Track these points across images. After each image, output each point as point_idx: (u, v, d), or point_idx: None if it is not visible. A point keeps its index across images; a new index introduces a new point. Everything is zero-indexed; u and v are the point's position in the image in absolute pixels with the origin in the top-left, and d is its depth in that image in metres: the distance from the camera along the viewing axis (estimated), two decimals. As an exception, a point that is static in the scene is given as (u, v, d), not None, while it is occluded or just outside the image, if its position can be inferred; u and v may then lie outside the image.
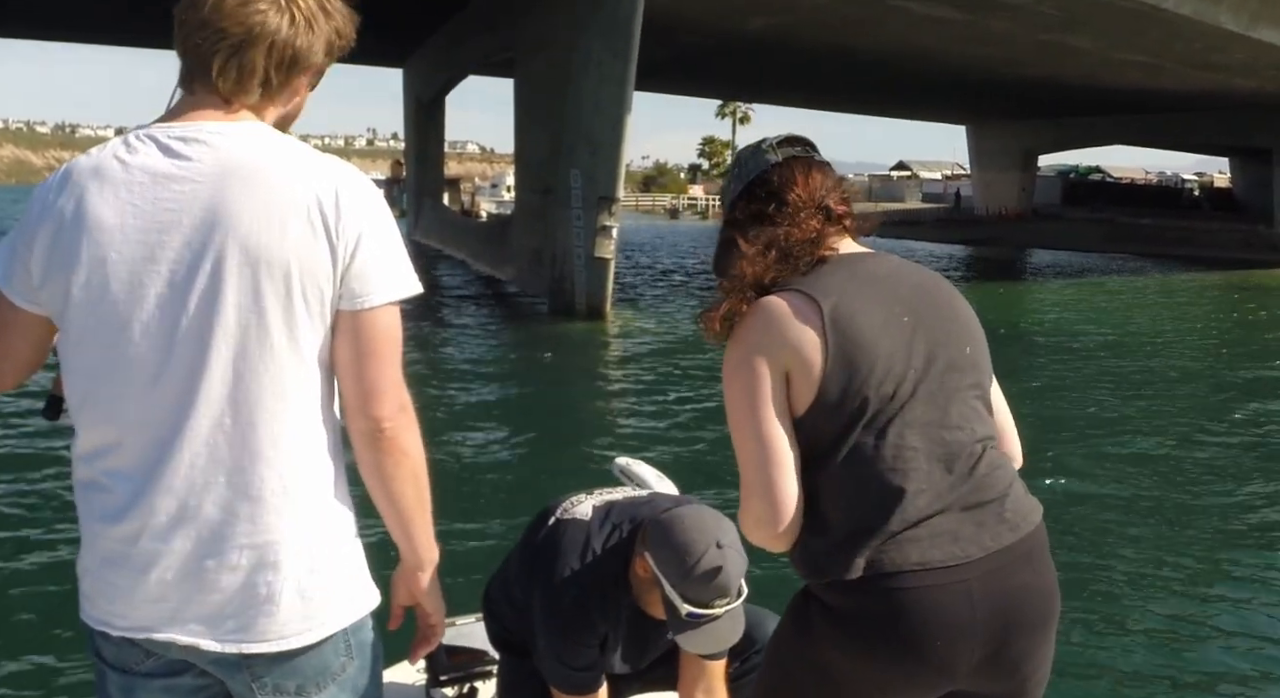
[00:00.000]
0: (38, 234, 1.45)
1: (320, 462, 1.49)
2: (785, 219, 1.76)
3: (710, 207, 75.84)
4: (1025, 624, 1.68)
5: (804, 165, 1.82)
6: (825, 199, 1.79)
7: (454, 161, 79.20)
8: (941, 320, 1.75)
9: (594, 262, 18.89)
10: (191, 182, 1.42)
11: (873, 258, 1.80)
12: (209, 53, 1.43)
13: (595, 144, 18.75)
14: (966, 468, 1.68)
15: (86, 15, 27.32)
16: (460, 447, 8.92)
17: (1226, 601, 5.75)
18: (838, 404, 1.65)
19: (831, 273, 1.72)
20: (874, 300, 1.70)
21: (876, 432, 1.65)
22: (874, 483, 1.65)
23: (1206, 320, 21.34)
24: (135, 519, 1.43)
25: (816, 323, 1.65)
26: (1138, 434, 9.92)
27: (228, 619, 1.45)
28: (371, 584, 1.59)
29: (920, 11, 23.58)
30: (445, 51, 30.03)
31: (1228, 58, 29.74)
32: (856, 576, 1.63)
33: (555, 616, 2.20)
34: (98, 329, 1.43)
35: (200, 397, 1.41)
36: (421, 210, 35.18)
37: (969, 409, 1.73)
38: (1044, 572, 1.73)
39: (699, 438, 9.42)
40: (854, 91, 41.96)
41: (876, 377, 1.65)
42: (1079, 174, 68.25)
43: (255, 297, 1.40)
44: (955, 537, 1.64)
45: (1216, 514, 7.34)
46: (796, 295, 1.68)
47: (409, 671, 2.71)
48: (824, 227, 1.76)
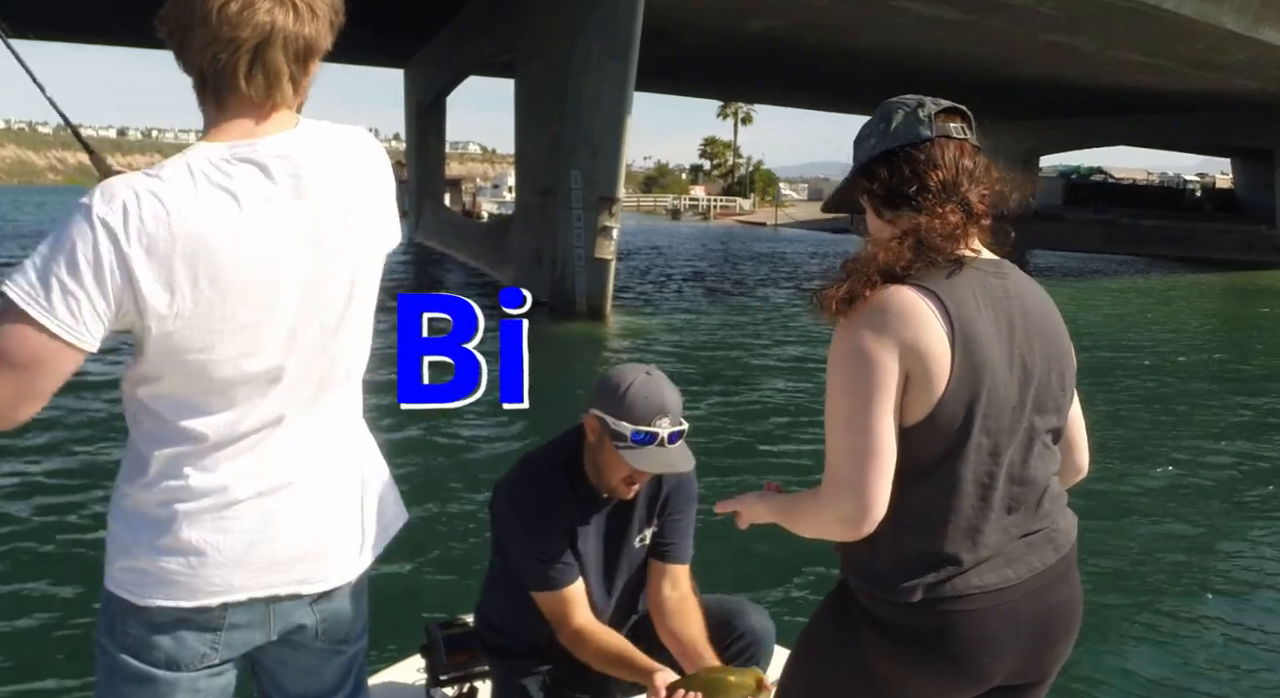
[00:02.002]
0: (156, 278, 1.39)
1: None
2: (926, 205, 1.63)
3: (711, 207, 75.86)
4: (1060, 635, 1.73)
5: (957, 149, 1.67)
6: (969, 192, 1.66)
7: (455, 162, 79.32)
8: (1048, 357, 1.68)
9: (594, 262, 18.90)
10: (301, 198, 1.48)
11: (1001, 272, 1.69)
12: (230, 63, 1.43)
13: (595, 145, 18.76)
14: (1033, 504, 1.68)
15: (87, 16, 27.36)
16: (458, 447, 8.92)
17: (1232, 597, 5.74)
18: (947, 428, 1.58)
19: (965, 283, 1.62)
20: (995, 324, 1.62)
21: (972, 464, 1.60)
22: (958, 516, 1.61)
23: (1211, 322, 21.34)
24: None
25: (946, 336, 1.57)
26: (1147, 435, 9.92)
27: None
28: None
29: (921, 12, 23.60)
30: (446, 52, 30.06)
31: (1229, 58, 29.73)
32: (915, 600, 1.62)
33: (515, 505, 2.33)
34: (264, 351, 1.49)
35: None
36: (422, 212, 35.22)
37: (1048, 451, 1.71)
38: (1076, 583, 1.77)
39: (699, 439, 9.41)
40: (855, 92, 41.94)
41: (985, 408, 1.59)
42: (1080, 175, 68.20)
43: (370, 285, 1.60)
44: (1009, 560, 1.65)
45: (1228, 514, 7.34)
46: (932, 298, 1.58)
47: (409, 671, 2.72)
48: (965, 223, 1.64)
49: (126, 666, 1.54)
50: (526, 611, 2.36)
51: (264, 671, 1.68)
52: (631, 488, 2.32)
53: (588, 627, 2.31)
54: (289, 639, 1.63)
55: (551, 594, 2.31)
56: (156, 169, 1.43)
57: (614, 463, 2.28)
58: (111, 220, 1.37)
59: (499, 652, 2.48)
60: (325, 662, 1.69)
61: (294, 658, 1.66)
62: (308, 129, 1.52)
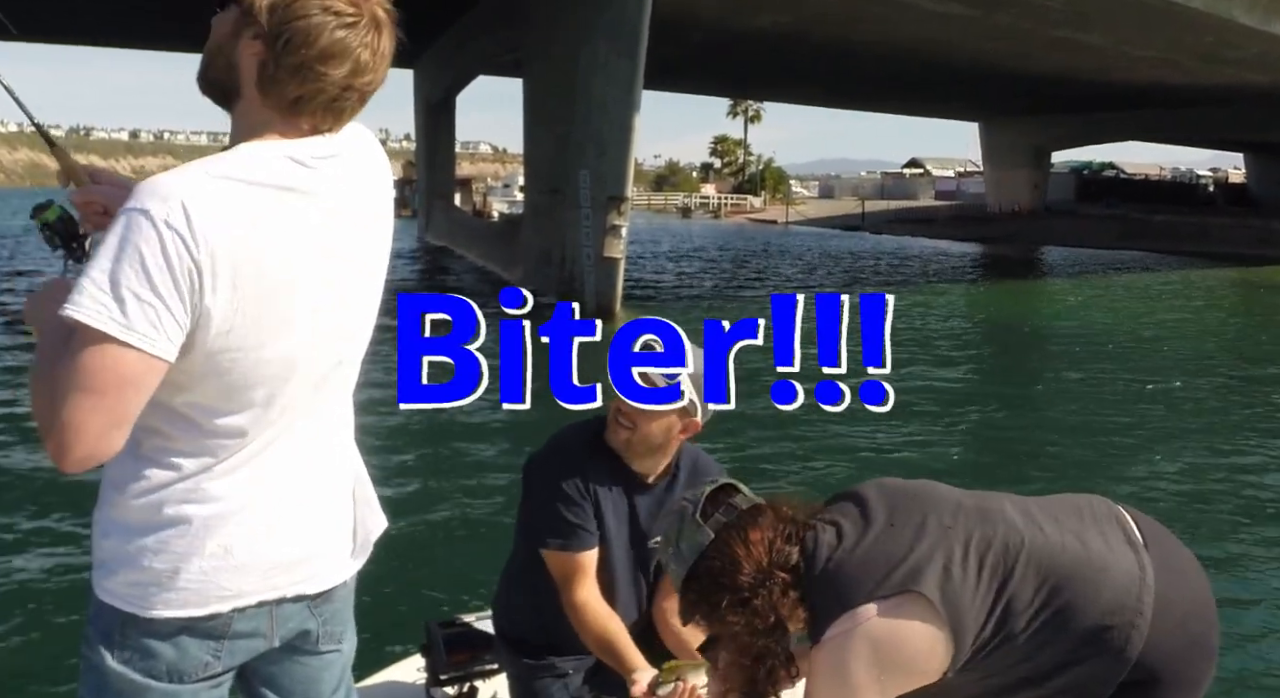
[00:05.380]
0: (218, 277, 1.35)
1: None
2: (743, 612, 1.72)
3: (722, 205, 75.81)
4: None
5: (739, 531, 1.76)
6: (774, 564, 1.73)
7: (466, 162, 79.35)
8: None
9: (603, 261, 18.90)
10: (342, 200, 1.51)
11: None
12: (313, 93, 1.44)
13: (603, 144, 18.76)
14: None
15: (102, 19, 27.47)
16: (458, 447, 8.90)
17: (1243, 593, 5.71)
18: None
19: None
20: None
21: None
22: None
23: (1227, 317, 21.19)
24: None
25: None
26: (1164, 433, 9.84)
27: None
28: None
29: (928, 7, 23.52)
30: (454, 52, 30.09)
31: (1241, 52, 29.55)
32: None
33: (545, 462, 2.38)
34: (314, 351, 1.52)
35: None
36: (432, 211, 35.28)
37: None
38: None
39: (708, 437, 9.38)
40: (865, 88, 41.88)
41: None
42: (1092, 170, 67.90)
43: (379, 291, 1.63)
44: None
45: (1243, 513, 7.29)
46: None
47: (409, 670, 2.72)
48: (786, 591, 1.71)
49: (122, 679, 1.48)
50: (543, 604, 2.35)
51: (260, 679, 1.66)
52: (620, 430, 2.31)
53: (592, 603, 2.30)
54: (291, 645, 1.62)
55: (563, 555, 2.30)
56: (209, 164, 1.40)
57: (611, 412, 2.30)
58: (175, 221, 1.30)
59: (517, 647, 2.46)
60: (325, 667, 1.69)
61: (294, 665, 1.66)
62: (347, 132, 1.53)
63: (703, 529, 1.75)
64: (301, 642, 1.63)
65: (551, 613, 2.34)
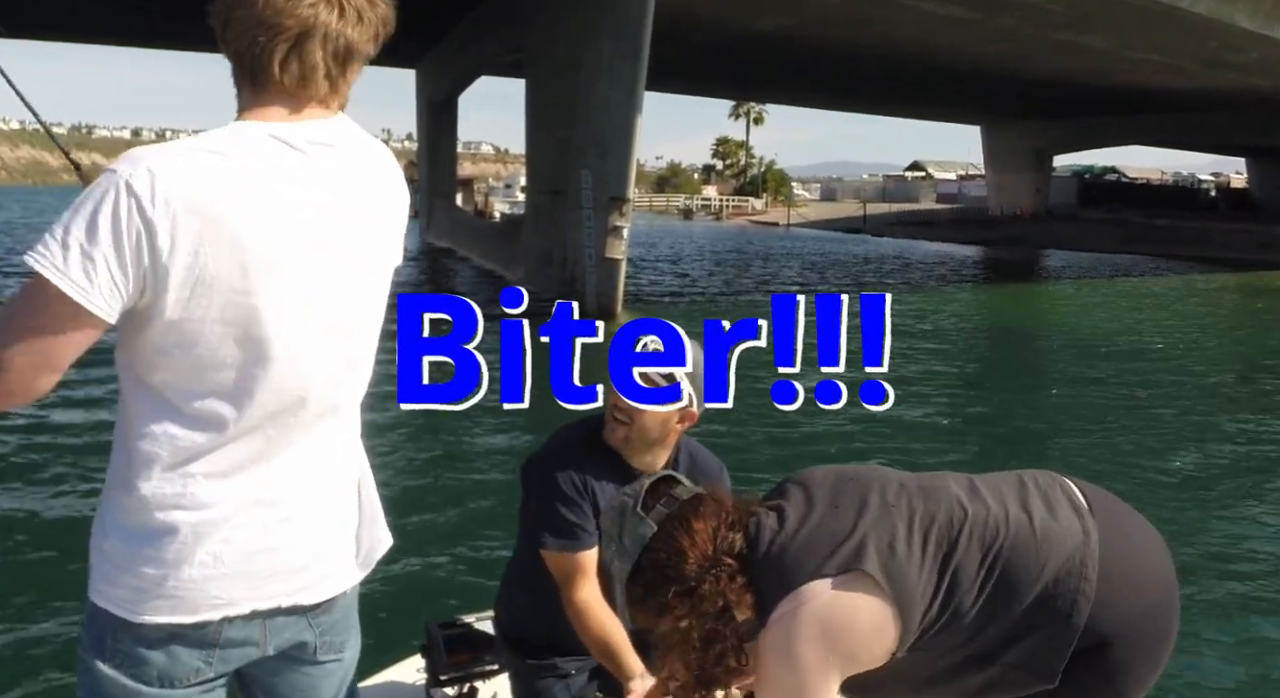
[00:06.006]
0: (177, 240, 1.36)
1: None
2: (690, 600, 1.72)
3: (723, 207, 75.85)
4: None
5: (681, 521, 1.75)
6: (719, 552, 1.72)
7: (468, 162, 79.40)
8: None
9: (604, 262, 18.90)
10: (334, 186, 1.49)
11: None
12: (268, 49, 1.44)
13: (605, 145, 18.77)
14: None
15: (102, 19, 27.48)
16: (458, 447, 8.91)
17: (1245, 596, 5.71)
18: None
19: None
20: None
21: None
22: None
23: (1229, 322, 21.19)
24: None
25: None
26: (1163, 438, 9.85)
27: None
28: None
29: (932, 10, 23.53)
30: (456, 53, 30.10)
31: (1244, 56, 29.54)
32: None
33: (541, 466, 2.35)
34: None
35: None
36: (434, 211, 35.28)
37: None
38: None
39: (710, 436, 9.39)
40: (867, 91, 41.88)
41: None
42: (1094, 174, 67.90)
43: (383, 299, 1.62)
44: None
45: (1247, 518, 7.29)
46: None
47: (409, 670, 2.72)
48: (734, 577, 1.71)
49: (114, 684, 1.49)
50: (545, 604, 2.34)
51: (258, 685, 1.65)
52: (618, 427, 2.30)
53: (593, 604, 2.28)
54: (288, 655, 1.60)
55: (563, 555, 2.28)
56: (189, 140, 1.42)
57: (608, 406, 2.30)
58: (136, 184, 1.33)
59: (519, 647, 2.46)
60: (325, 675, 1.67)
61: (294, 674, 1.64)
62: (350, 125, 1.53)
63: (645, 522, 1.74)
64: (299, 652, 1.61)
65: (554, 613, 2.33)
